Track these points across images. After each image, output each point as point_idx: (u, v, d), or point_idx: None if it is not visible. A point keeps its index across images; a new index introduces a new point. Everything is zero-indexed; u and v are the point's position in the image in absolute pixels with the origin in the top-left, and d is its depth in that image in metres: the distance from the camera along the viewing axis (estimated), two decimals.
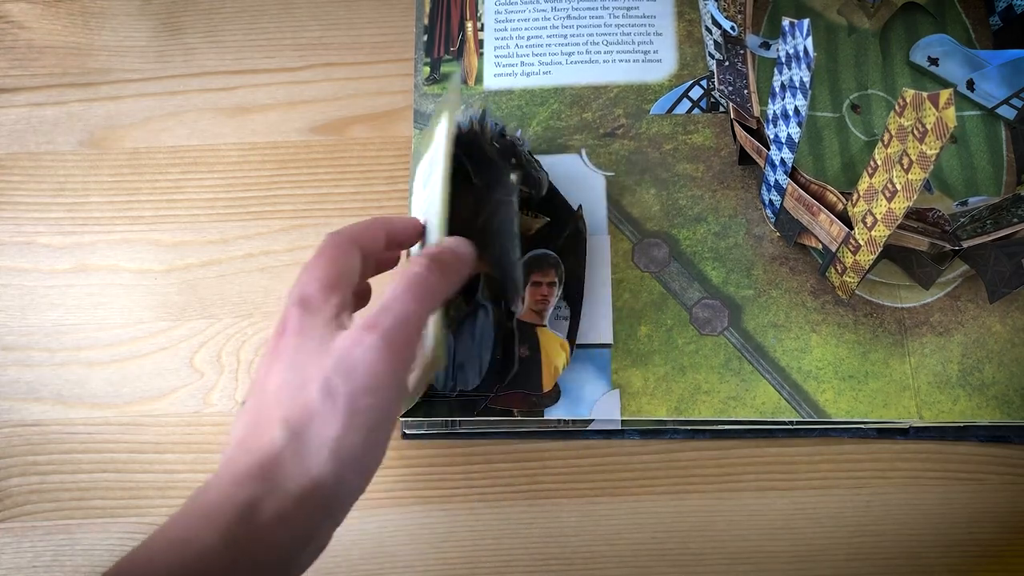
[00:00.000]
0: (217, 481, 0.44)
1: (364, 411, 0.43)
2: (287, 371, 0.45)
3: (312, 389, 0.44)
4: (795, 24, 0.49)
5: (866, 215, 0.53)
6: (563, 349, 0.61)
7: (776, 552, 0.61)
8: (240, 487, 0.43)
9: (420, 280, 0.47)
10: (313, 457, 0.43)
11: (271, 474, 0.43)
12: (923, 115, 0.44)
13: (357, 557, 0.62)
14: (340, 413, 0.43)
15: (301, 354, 0.45)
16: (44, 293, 0.69)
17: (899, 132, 0.47)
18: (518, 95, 0.71)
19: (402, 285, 0.46)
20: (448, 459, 0.64)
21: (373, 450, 0.45)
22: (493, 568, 0.62)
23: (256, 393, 0.47)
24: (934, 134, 0.44)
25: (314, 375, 0.44)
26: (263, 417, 0.45)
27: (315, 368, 0.44)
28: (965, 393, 0.61)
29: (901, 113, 0.46)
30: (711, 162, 0.68)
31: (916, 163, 0.46)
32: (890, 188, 0.50)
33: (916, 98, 0.44)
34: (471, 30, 0.74)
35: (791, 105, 0.52)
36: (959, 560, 0.61)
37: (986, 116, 0.68)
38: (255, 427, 0.45)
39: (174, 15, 0.76)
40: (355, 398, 0.43)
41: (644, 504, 0.63)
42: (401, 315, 0.45)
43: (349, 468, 0.44)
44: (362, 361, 0.44)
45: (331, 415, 0.43)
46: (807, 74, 0.49)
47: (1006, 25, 0.70)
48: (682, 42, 0.72)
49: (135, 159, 0.72)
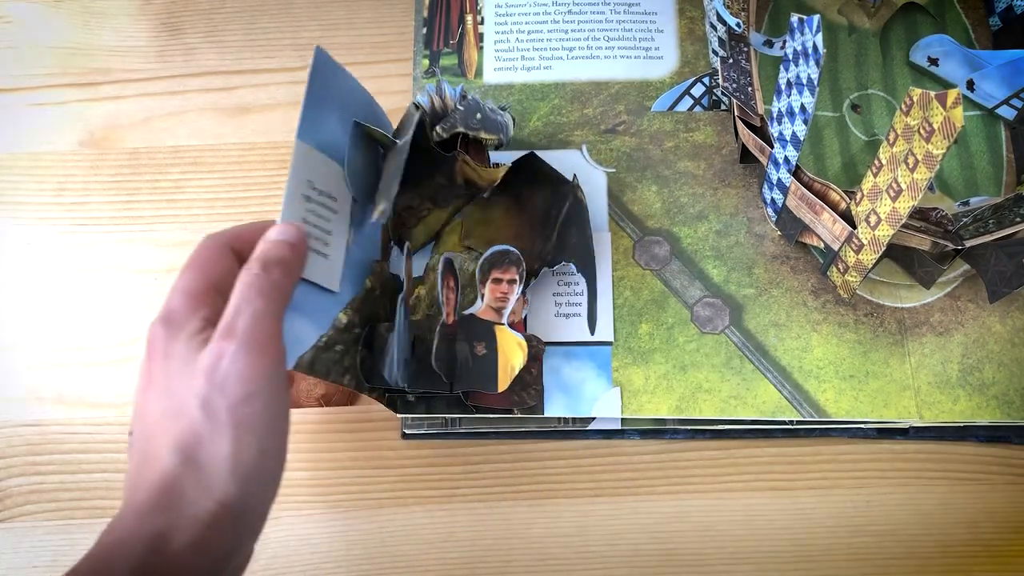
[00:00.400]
0: (122, 516, 0.44)
1: (249, 420, 0.44)
2: (163, 398, 0.45)
3: (193, 411, 0.43)
4: (805, 20, 0.49)
5: (870, 214, 0.53)
6: (520, 348, 0.60)
7: (776, 552, 0.61)
8: (144, 520, 0.43)
9: (261, 279, 0.47)
10: (213, 479, 0.43)
11: (174, 503, 0.43)
12: (930, 114, 0.44)
13: (357, 557, 0.62)
14: (226, 428, 0.43)
15: (172, 378, 0.45)
16: (44, 293, 0.68)
17: (905, 131, 0.46)
18: (518, 89, 0.71)
19: (246, 288, 0.46)
20: (448, 459, 0.64)
21: (272, 455, 0.45)
22: (493, 568, 0.62)
23: (139, 422, 0.47)
24: (941, 133, 0.44)
25: (190, 397, 0.44)
26: (151, 446, 0.45)
27: (188, 390, 0.44)
28: (965, 393, 0.61)
29: (908, 112, 0.46)
30: (712, 160, 0.68)
31: (922, 163, 0.46)
32: (895, 187, 0.50)
33: (923, 97, 0.44)
34: (471, 23, 0.74)
35: (797, 102, 0.52)
36: (959, 560, 0.61)
37: (986, 116, 0.68)
38: (146, 457, 0.45)
39: (174, 15, 0.76)
40: (236, 410, 0.43)
41: (644, 504, 0.63)
42: (254, 316, 0.45)
43: (252, 480, 0.44)
44: (231, 372, 0.44)
45: (218, 433, 0.43)
46: (816, 71, 0.49)
47: (1006, 25, 0.70)
48: (683, 39, 0.72)
49: (135, 159, 0.72)
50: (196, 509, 0.43)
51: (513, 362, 0.59)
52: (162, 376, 0.45)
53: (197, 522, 0.42)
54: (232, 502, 0.43)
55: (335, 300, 0.55)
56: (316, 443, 0.65)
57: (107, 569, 0.42)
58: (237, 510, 0.43)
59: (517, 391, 0.61)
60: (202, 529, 0.42)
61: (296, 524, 0.63)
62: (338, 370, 0.56)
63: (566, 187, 0.63)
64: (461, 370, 0.59)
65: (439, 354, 0.59)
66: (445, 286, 0.61)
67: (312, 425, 0.65)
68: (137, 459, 0.46)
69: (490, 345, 0.60)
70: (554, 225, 0.62)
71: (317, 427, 0.65)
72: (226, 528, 0.43)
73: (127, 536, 0.42)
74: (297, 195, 0.52)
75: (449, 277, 0.62)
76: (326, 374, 0.55)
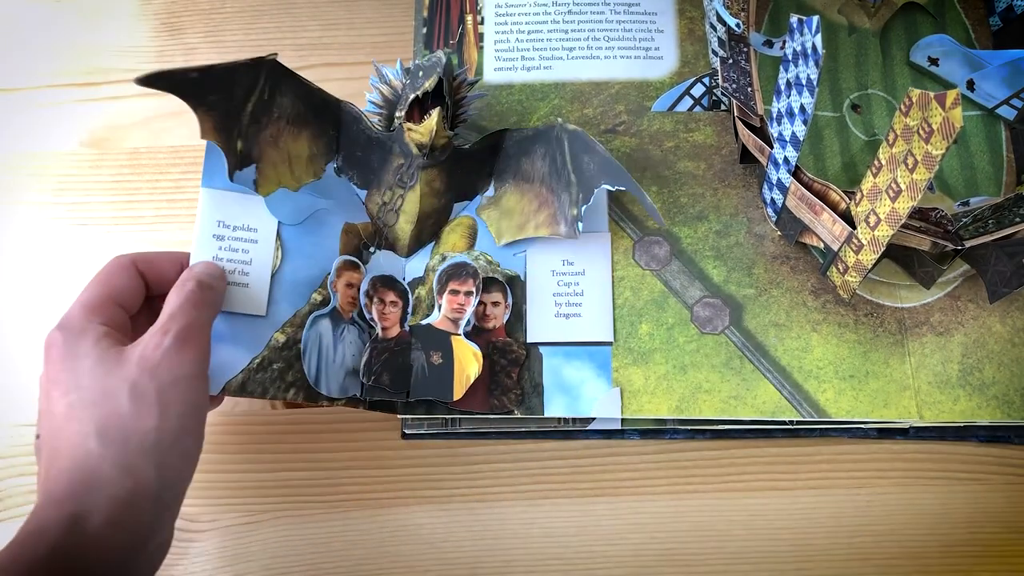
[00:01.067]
0: (37, 509, 0.47)
1: (175, 402, 0.49)
2: (72, 392, 0.49)
3: (118, 395, 0.47)
4: (804, 21, 0.48)
5: (869, 215, 0.53)
6: (476, 359, 0.61)
7: (776, 552, 0.62)
8: (62, 506, 0.45)
9: (195, 294, 0.53)
10: (132, 457, 0.47)
11: (91, 486, 0.46)
12: (929, 115, 0.44)
13: (357, 557, 0.62)
14: (153, 407, 0.48)
15: (82, 375, 0.49)
16: (45, 293, 0.69)
17: (904, 132, 0.46)
18: (518, 89, 0.71)
19: (183, 297, 0.52)
20: (448, 459, 0.64)
21: (191, 433, 0.51)
22: (493, 568, 0.62)
23: (46, 422, 0.50)
24: (940, 134, 0.44)
25: (115, 384, 0.48)
26: (61, 440, 0.48)
27: (112, 378, 0.48)
28: (965, 393, 0.61)
29: (907, 113, 0.46)
30: (712, 160, 0.68)
31: (921, 163, 0.46)
32: (894, 188, 0.50)
33: (922, 98, 0.44)
34: (471, 23, 0.74)
35: (796, 103, 0.52)
36: (959, 560, 0.61)
37: (986, 116, 0.68)
38: (56, 451, 0.48)
39: (174, 15, 0.77)
40: (164, 391, 0.48)
41: (644, 504, 0.63)
42: (187, 319, 0.51)
43: (170, 456, 0.48)
44: (163, 360, 0.49)
45: (145, 412, 0.47)
46: (815, 71, 0.49)
47: (1006, 25, 0.70)
48: (683, 39, 0.72)
49: (135, 159, 0.72)
50: (114, 489, 0.46)
51: (468, 371, 0.61)
52: (69, 375, 0.50)
53: (115, 501, 0.46)
54: (151, 479, 0.47)
55: (267, 323, 0.59)
56: (316, 443, 0.65)
57: (26, 554, 0.44)
58: (156, 487, 0.47)
59: (497, 395, 0.61)
60: (121, 507, 0.45)
61: (296, 524, 0.63)
62: (279, 386, 0.58)
63: (553, 131, 0.63)
64: (417, 379, 0.61)
65: (368, 368, 0.61)
66: (379, 301, 0.62)
67: (312, 425, 0.65)
68: (47, 456, 0.49)
69: (446, 355, 0.61)
70: (566, 169, 0.62)
71: (317, 427, 0.65)
72: (145, 506, 0.47)
73: (45, 523, 0.45)
74: (207, 236, 0.58)
75: (385, 292, 0.63)
76: (263, 393, 0.57)
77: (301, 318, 0.60)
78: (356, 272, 0.62)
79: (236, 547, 0.62)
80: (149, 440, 0.47)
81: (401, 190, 0.64)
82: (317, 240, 0.62)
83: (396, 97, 0.64)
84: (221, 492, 0.64)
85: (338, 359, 0.60)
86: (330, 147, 0.65)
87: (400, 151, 0.64)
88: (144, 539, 0.47)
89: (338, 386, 0.60)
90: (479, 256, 0.64)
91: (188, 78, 0.56)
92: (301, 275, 0.61)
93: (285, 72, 0.62)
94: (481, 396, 0.61)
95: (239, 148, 0.59)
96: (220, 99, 0.58)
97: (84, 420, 0.48)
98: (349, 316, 0.61)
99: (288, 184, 0.62)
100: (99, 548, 0.45)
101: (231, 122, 0.59)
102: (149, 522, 0.47)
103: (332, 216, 0.63)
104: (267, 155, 0.61)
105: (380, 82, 0.65)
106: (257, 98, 0.60)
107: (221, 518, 0.63)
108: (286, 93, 0.62)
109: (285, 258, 0.60)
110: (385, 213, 0.65)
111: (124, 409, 0.47)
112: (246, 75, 0.59)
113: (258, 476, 0.64)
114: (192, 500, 0.63)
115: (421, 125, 0.62)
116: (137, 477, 0.46)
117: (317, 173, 0.64)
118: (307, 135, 0.63)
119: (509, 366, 0.62)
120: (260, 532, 0.63)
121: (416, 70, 0.63)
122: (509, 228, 0.65)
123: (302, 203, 0.62)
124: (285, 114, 0.62)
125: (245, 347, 0.58)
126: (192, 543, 0.62)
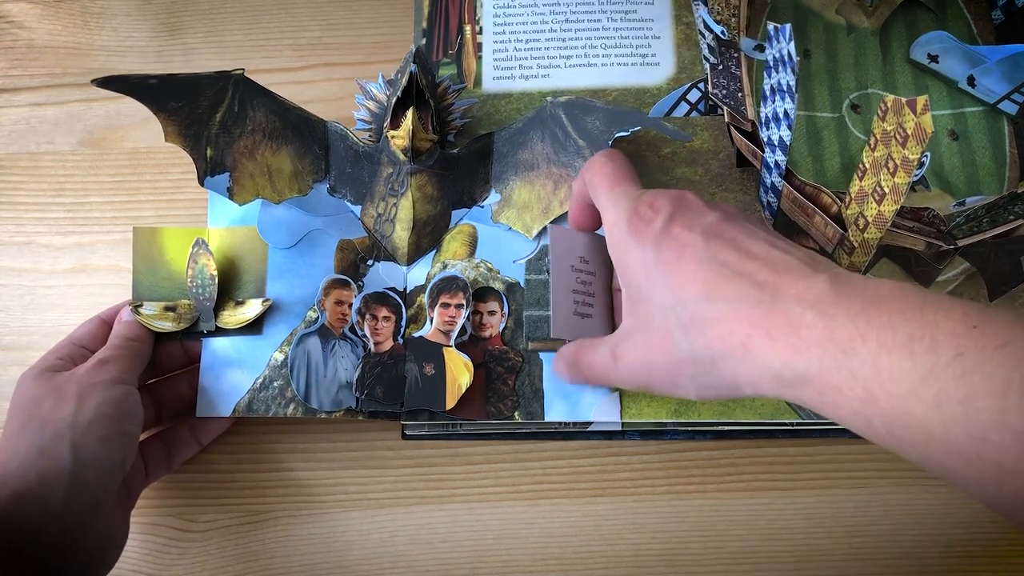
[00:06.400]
0: None
1: (92, 396, 0.56)
2: (13, 406, 0.58)
3: (44, 399, 0.56)
4: (779, 28, 0.50)
5: (858, 217, 0.55)
6: (467, 369, 0.62)
7: (776, 552, 0.63)
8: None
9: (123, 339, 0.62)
10: (47, 440, 0.54)
11: (7, 462, 0.53)
12: (903, 120, 0.46)
13: (357, 557, 0.63)
14: (71, 401, 0.55)
15: (25, 391, 0.58)
16: (44, 293, 0.70)
17: (883, 137, 0.48)
18: (516, 98, 0.72)
19: (110, 341, 0.62)
20: (448, 459, 0.65)
21: (111, 423, 0.56)
22: (493, 568, 0.63)
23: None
24: (914, 139, 0.45)
25: (43, 391, 0.57)
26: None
27: (43, 389, 0.57)
28: None
29: (884, 118, 0.47)
30: (709, 165, 0.68)
31: (900, 167, 0.48)
32: (879, 191, 0.51)
33: (896, 104, 0.45)
34: (469, 33, 0.75)
35: (780, 108, 0.54)
36: (959, 560, 0.62)
37: (988, 112, 0.69)
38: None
39: (174, 15, 0.78)
40: (83, 391, 0.56)
41: (644, 504, 0.64)
42: (112, 351, 0.60)
43: (86, 437, 0.54)
44: (85, 372, 0.57)
45: (64, 405, 0.55)
46: (792, 78, 0.50)
47: (1009, 19, 0.70)
48: (680, 45, 0.73)
49: (135, 159, 0.74)
50: (28, 463, 0.52)
51: (460, 381, 0.62)
52: (15, 396, 0.58)
53: (28, 475, 0.52)
54: (64, 457, 0.53)
55: (266, 342, 0.64)
56: (316, 443, 0.66)
57: None
58: (71, 466, 0.53)
59: (494, 402, 0.63)
60: (33, 482, 0.51)
61: (296, 524, 0.64)
62: (280, 403, 0.62)
63: (545, 111, 0.65)
64: (411, 390, 0.63)
65: (361, 382, 0.63)
66: (372, 317, 0.64)
67: (312, 425, 0.66)
68: None
69: (438, 366, 0.63)
70: (570, 139, 0.64)
71: (317, 427, 0.66)
72: (58, 481, 0.52)
73: None
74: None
75: (377, 308, 0.65)
76: (266, 410, 0.62)
77: (297, 337, 0.64)
78: (346, 289, 0.65)
79: (236, 547, 0.64)
80: (64, 424, 0.54)
81: (394, 199, 0.66)
82: (311, 260, 0.66)
83: (383, 110, 0.67)
84: (221, 492, 0.65)
85: (329, 374, 0.63)
86: (317, 165, 0.68)
87: (388, 160, 0.66)
88: (58, 512, 0.52)
89: (331, 400, 0.62)
90: (480, 264, 0.66)
91: (146, 84, 0.60)
92: (296, 295, 0.65)
93: (256, 88, 0.65)
94: (478, 404, 0.62)
95: (208, 154, 0.63)
96: (182, 106, 0.62)
97: (12, 418, 0.56)
98: (340, 332, 0.64)
99: (268, 196, 0.65)
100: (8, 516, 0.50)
101: (197, 128, 0.62)
102: (63, 496, 0.52)
103: (325, 235, 0.66)
104: (242, 165, 0.64)
105: (365, 98, 0.68)
106: (226, 109, 0.63)
107: (221, 518, 0.65)
108: (258, 108, 0.65)
109: (279, 279, 0.66)
110: (381, 224, 0.67)
111: (46, 406, 0.55)
112: (211, 87, 0.63)
113: (258, 476, 0.66)
114: (192, 500, 0.65)
115: (400, 128, 0.64)
116: (50, 455, 0.53)
117: (303, 189, 0.67)
118: (288, 151, 0.66)
119: (506, 373, 0.63)
120: (260, 532, 0.64)
121: (396, 77, 0.66)
122: (534, 218, 0.66)
123: (295, 226, 0.66)
124: (260, 128, 0.65)
125: (249, 369, 0.63)
126: (192, 543, 0.64)
